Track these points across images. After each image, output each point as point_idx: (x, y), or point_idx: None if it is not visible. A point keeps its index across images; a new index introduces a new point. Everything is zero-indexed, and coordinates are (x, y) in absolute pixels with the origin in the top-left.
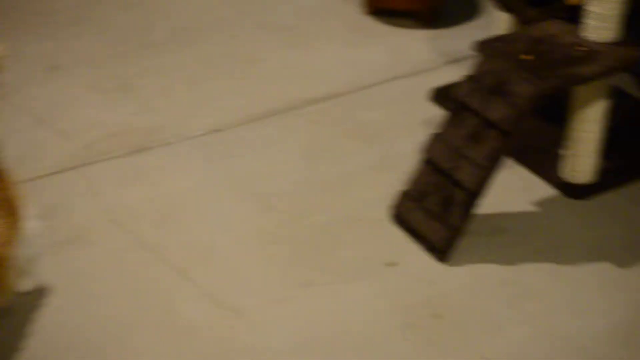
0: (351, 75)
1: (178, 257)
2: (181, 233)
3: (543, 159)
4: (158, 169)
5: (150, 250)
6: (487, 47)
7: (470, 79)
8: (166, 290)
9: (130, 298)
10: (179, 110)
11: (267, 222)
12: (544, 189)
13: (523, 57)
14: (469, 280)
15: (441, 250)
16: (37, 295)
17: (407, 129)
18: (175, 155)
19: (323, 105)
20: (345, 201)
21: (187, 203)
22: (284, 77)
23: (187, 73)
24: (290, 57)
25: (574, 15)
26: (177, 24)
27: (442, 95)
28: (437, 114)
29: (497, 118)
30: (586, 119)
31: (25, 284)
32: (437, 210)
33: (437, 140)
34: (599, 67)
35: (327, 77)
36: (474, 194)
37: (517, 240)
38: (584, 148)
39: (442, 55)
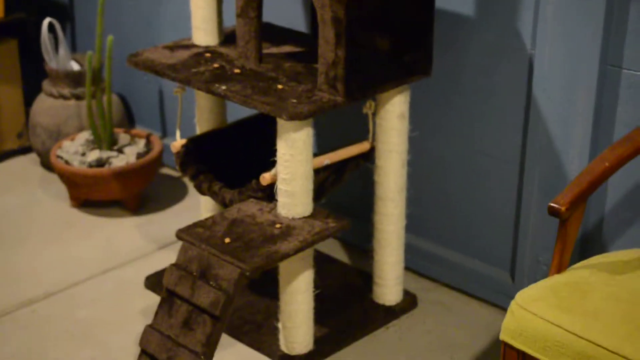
0: (63, 273)
1: None
2: None
3: (261, 334)
4: None
5: None
6: (189, 234)
7: (177, 266)
8: None
9: None
10: None
11: None
12: None
13: (227, 240)
14: None
15: None
16: None
17: (124, 322)
18: None
19: (35, 307)
20: None
21: None
22: None
23: None
24: None
25: (270, 194)
26: None
27: (156, 283)
28: (154, 302)
29: (206, 304)
30: (294, 291)
31: None
32: None
33: (152, 331)
34: (296, 243)
35: (38, 278)
36: None
37: None
38: (296, 320)
39: (153, 241)
